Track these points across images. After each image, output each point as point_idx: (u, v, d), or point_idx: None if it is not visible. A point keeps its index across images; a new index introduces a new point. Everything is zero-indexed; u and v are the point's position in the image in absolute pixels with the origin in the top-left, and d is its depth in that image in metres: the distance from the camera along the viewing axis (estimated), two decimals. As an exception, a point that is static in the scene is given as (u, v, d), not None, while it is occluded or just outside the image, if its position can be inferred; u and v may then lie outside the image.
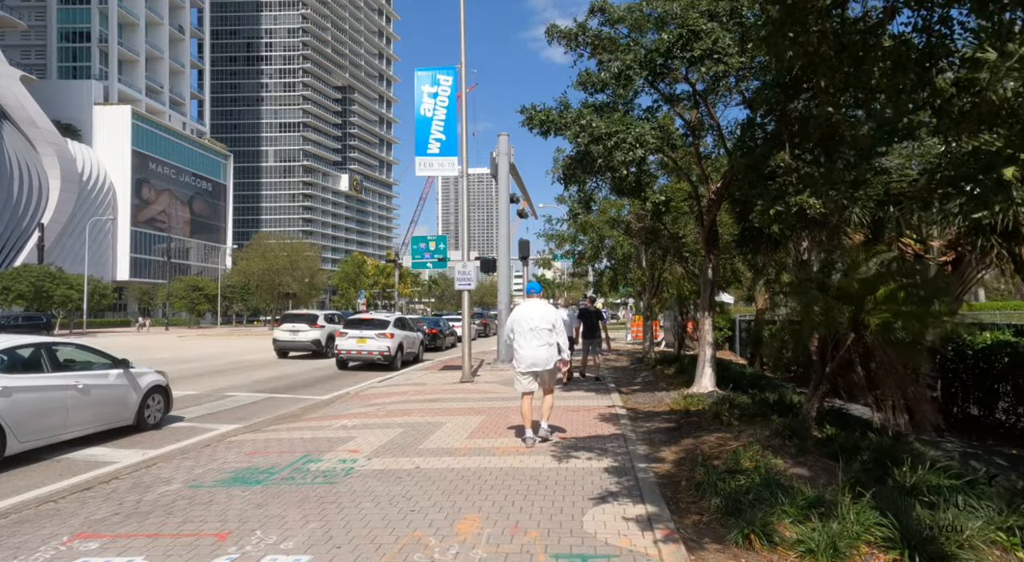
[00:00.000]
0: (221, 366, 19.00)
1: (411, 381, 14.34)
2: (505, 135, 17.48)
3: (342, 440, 7.44)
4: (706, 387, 10.54)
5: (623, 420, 8.47)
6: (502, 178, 17.23)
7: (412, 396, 11.60)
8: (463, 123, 13.88)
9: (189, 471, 6.10)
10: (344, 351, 17.71)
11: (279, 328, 21.38)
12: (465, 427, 8.23)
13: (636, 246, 15.40)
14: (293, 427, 8.58)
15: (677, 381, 12.30)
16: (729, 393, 9.76)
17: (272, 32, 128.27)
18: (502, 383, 13.24)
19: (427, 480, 5.64)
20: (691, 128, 10.29)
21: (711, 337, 10.77)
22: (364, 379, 15.60)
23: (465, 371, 13.74)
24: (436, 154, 13.83)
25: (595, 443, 7.04)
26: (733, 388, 10.70)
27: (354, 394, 12.51)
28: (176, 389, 13.39)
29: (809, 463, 5.22)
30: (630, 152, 8.91)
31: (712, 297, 10.89)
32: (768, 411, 7.36)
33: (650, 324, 20.07)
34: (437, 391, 12.26)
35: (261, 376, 16.22)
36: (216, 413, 10.49)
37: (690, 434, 7.02)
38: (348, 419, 9.11)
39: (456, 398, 11.12)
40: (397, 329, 18.35)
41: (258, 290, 53.95)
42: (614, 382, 13.47)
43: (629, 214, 15.58)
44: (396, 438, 7.51)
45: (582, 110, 9.67)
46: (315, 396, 12.66)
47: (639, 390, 12.11)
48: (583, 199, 10.17)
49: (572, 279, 31.18)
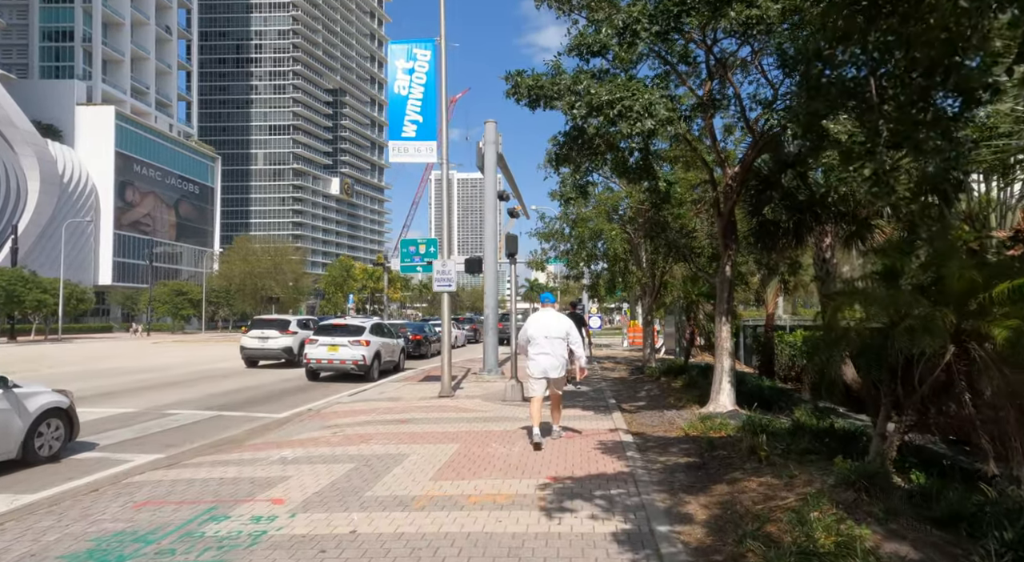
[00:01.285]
0: (180, 376, 17.24)
1: (385, 395, 12.67)
2: (492, 122, 15.85)
3: (270, 482, 5.77)
4: (724, 405, 8.92)
5: (630, 451, 6.83)
6: (488, 168, 15.60)
7: (380, 415, 9.93)
8: (443, 103, 12.27)
9: (37, 538, 4.41)
10: (314, 360, 16.00)
11: (247, 335, 19.61)
12: (433, 461, 6.57)
13: (635, 243, 13.82)
14: (220, 460, 6.90)
15: (687, 397, 10.68)
16: (755, 414, 8.14)
17: (262, 34, 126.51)
18: (486, 398, 11.58)
19: (362, 557, 3.99)
20: (706, 102, 8.69)
21: (729, 346, 9.17)
22: (334, 392, 13.92)
23: (444, 384, 12.08)
24: (412, 138, 12.20)
25: (597, 487, 5.40)
26: (756, 407, 9.09)
27: (315, 412, 10.82)
28: (112, 405, 11.72)
29: (910, 536, 3.61)
30: (637, 123, 7.31)
31: (730, 299, 9.30)
32: (819, 444, 5.75)
33: (650, 330, 18.48)
34: (410, 408, 10.59)
35: (219, 389, 14.49)
36: (142, 437, 8.78)
37: (721, 476, 5.39)
38: (292, 448, 7.43)
39: (430, 418, 9.46)
40: (373, 336, 16.66)
41: (240, 294, 52.00)
42: (614, 396, 11.84)
43: (627, 207, 13.99)
44: (341, 479, 5.84)
45: (578, 75, 8.07)
46: (270, 414, 10.97)
47: (644, 407, 10.48)
48: (578, 183, 8.53)
49: (567, 282, 29.49)
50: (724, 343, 9.15)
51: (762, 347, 17.99)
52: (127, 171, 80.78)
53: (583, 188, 8.46)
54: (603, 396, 11.84)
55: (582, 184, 8.46)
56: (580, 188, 8.44)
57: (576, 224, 16.07)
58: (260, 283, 50.00)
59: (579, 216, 16.32)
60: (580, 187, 8.43)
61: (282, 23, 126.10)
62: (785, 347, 17.94)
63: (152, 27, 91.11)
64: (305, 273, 64.44)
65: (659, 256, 14.04)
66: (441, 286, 12.17)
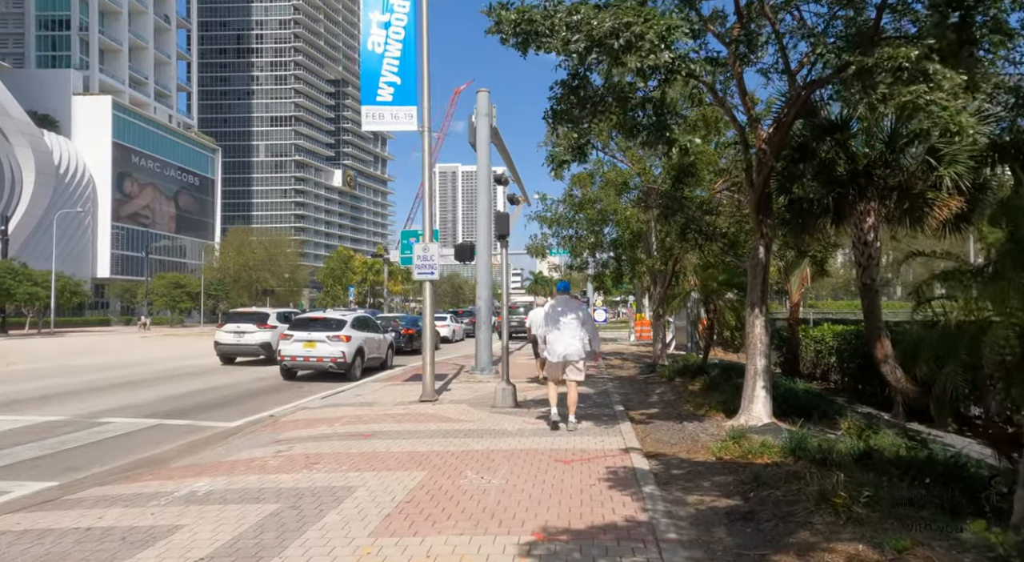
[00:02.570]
0: (147, 374, 15.71)
1: (360, 398, 11.07)
2: (485, 92, 14.18)
3: (150, 538, 4.17)
4: (759, 417, 7.27)
5: (647, 484, 5.19)
6: (481, 143, 13.94)
7: (344, 425, 8.33)
8: (424, 61, 10.59)
9: None
10: (288, 358, 14.42)
11: (221, 329, 18.04)
12: (384, 499, 4.96)
13: (646, 227, 12.15)
14: (110, 496, 5.30)
15: (709, 403, 9.02)
16: (800, 431, 6.47)
17: (263, 24, 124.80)
18: (473, 404, 9.95)
19: None
20: (738, 39, 6.96)
21: (764, 343, 7.50)
22: (308, 394, 12.36)
23: (426, 387, 10.46)
24: (388, 102, 10.52)
25: (603, 553, 3.77)
26: (801, 422, 7.44)
27: (274, 420, 9.24)
28: (42, 412, 10.02)
29: None
30: (650, 56, 5.63)
31: (764, 287, 7.61)
32: (917, 486, 4.10)
33: (661, 324, 16.81)
34: (382, 416, 8.98)
35: (181, 389, 12.94)
36: (46, 457, 7.20)
37: (783, 536, 3.74)
38: (212, 477, 5.82)
39: (401, 431, 7.85)
40: (356, 330, 15.07)
41: (234, 287, 50.53)
42: (622, 401, 10.19)
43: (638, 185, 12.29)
44: (248, 533, 4.23)
45: (577, 5, 6.38)
46: (221, 422, 9.40)
47: (658, 416, 8.82)
48: (575, 144, 6.82)
49: (570, 272, 27.80)
50: (757, 339, 7.49)
51: (785, 342, 16.29)
52: (125, 162, 79.46)
53: (580, 149, 6.75)
54: (609, 400, 10.19)
55: (580, 145, 6.76)
56: (577, 149, 6.73)
57: (582, 206, 14.35)
58: (255, 275, 48.44)
59: (584, 197, 14.62)
60: (577, 148, 6.73)
61: (283, 13, 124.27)
62: (810, 343, 16.25)
63: (150, 16, 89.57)
64: (301, 265, 62.86)
65: (674, 239, 12.33)
66: (422, 274, 10.54)
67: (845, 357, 14.35)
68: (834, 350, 14.85)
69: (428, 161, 10.52)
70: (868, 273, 10.59)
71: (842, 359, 14.44)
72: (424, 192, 10.78)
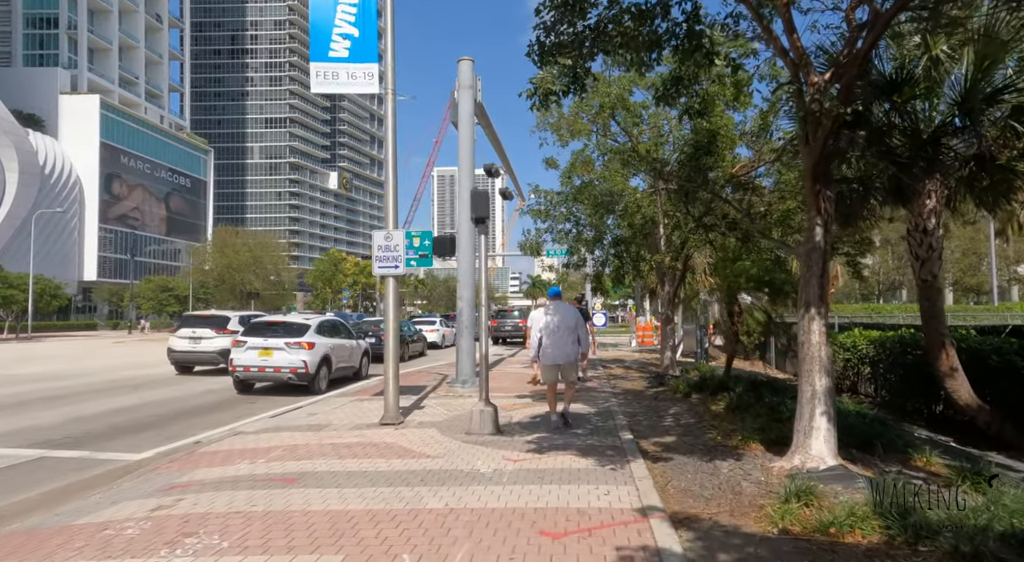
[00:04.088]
0: (77, 388, 13.68)
1: (311, 420, 9.09)
2: (468, 60, 12.28)
3: None
4: (821, 456, 5.32)
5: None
6: (464, 120, 12.02)
7: (267, 463, 6.36)
8: (389, 7, 8.67)
9: None
10: (241, 367, 12.45)
11: (175, 335, 16.05)
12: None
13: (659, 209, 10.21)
14: None
15: (741, 430, 7.06)
16: (886, 480, 4.52)
17: (258, 24, 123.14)
18: (445, 428, 7.97)
19: None
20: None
21: (826, 357, 5.55)
22: (257, 411, 10.43)
23: (388, 407, 8.49)
24: (344, 59, 8.59)
25: None
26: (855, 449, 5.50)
27: (186, 453, 7.27)
28: None
29: None
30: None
31: (824, 280, 5.66)
32: None
33: (670, 329, 14.86)
34: (323, 449, 7.01)
35: (103, 407, 10.95)
36: None
37: None
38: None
39: (338, 474, 5.88)
40: (321, 336, 13.11)
41: (218, 289, 48.48)
42: (629, 424, 8.21)
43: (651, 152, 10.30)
44: None
45: None
46: (125, 454, 7.43)
47: (677, 448, 6.84)
48: (570, 71, 4.85)
49: (567, 272, 25.82)
50: (817, 351, 5.54)
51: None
52: (114, 163, 77.59)
53: (576, 77, 4.78)
54: (613, 424, 8.22)
55: (575, 73, 4.79)
56: (572, 77, 4.76)
57: (580, 191, 12.40)
58: (238, 277, 46.38)
59: (584, 183, 12.69)
60: (572, 76, 4.76)
61: (278, 13, 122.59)
62: (838, 350, 14.33)
63: (142, 15, 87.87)
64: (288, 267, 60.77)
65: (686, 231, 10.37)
66: (384, 268, 8.59)
67: (883, 367, 12.49)
68: (868, 359, 12.97)
69: (392, 128, 8.59)
70: (929, 268, 8.67)
71: (878, 369, 12.58)
72: (388, 167, 8.84)
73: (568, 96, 4.73)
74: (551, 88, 4.64)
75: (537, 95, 4.71)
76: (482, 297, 8.01)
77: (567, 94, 4.72)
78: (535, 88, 4.69)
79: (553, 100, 4.64)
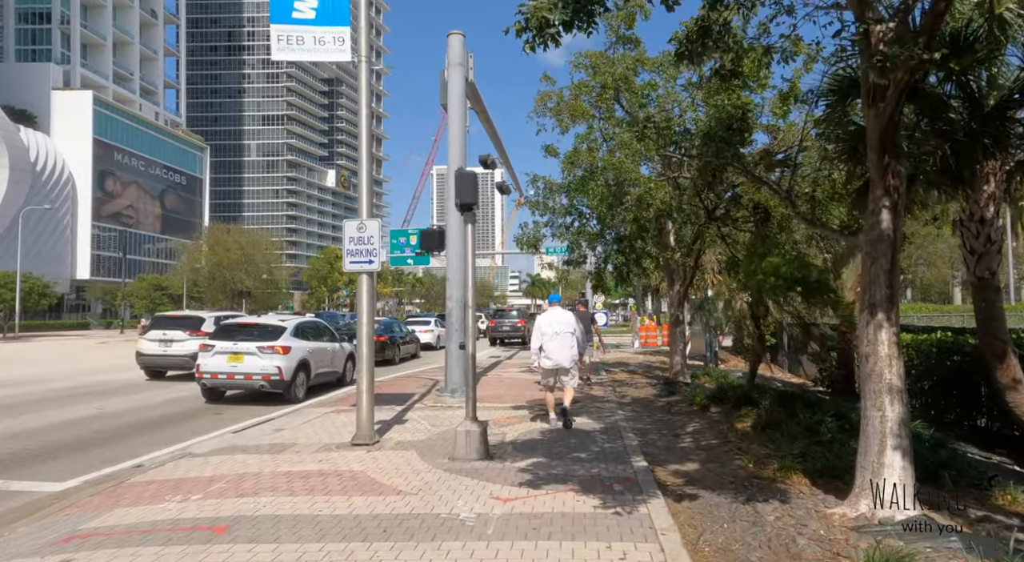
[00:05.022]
0: (31, 395, 12.46)
1: (274, 438, 7.91)
2: (458, 34, 11.08)
3: None
4: (898, 504, 4.14)
5: None
6: (454, 100, 10.83)
7: (202, 501, 5.18)
8: (359, -37, 7.48)
9: None
10: (208, 374, 11.28)
11: (144, 337, 14.85)
12: None
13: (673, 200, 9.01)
14: None
15: (777, 457, 5.89)
16: (990, 541, 3.36)
17: (255, 20, 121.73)
18: (425, 450, 6.78)
19: None
20: None
21: (897, 374, 4.37)
22: (219, 425, 9.26)
23: (361, 425, 7.30)
24: (310, 21, 7.40)
25: None
26: (941, 489, 4.32)
27: (115, 483, 6.09)
28: None
29: None
30: None
31: (893, 277, 4.49)
32: None
33: (680, 331, 13.68)
34: (275, 480, 5.83)
35: (46, 420, 9.74)
36: None
37: None
38: None
39: (282, 519, 4.69)
40: (297, 339, 11.94)
41: (209, 288, 47.26)
42: (640, 444, 7.03)
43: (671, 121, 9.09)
44: None
45: None
46: (43, 484, 6.26)
47: (704, 480, 5.64)
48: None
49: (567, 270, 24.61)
50: (886, 367, 4.36)
51: (839, 353, 13.12)
52: (107, 160, 76.33)
53: (581, 5, 3.59)
54: (622, 445, 7.03)
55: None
56: (579, 6, 3.57)
57: (584, 182, 11.21)
58: (229, 275, 45.13)
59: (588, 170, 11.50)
60: (578, 3, 3.56)
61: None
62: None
63: (136, 10, 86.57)
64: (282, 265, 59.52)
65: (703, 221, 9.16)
66: (357, 263, 7.39)
67: (915, 374, 11.32)
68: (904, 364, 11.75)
69: (365, 99, 7.41)
70: (986, 263, 7.45)
71: (918, 377, 11.41)
72: (362, 144, 7.66)
73: (572, 31, 3.54)
74: (547, 17, 3.43)
75: (529, 29, 3.51)
76: (468, 296, 6.80)
77: (569, 29, 3.53)
78: (526, 19, 3.49)
79: (551, 34, 3.45)
